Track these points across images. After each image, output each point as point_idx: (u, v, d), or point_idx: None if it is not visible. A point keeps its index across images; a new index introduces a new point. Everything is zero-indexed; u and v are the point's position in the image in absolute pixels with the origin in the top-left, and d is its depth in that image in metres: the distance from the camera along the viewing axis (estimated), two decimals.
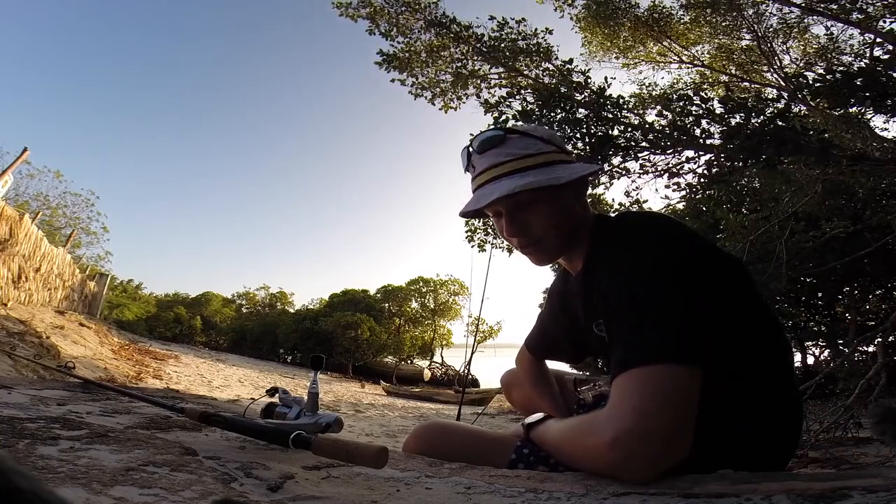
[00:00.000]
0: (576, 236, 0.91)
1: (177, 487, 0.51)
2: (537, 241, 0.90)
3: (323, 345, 17.57)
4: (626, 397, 0.64)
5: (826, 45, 6.66)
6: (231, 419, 0.78)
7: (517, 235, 0.89)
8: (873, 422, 0.72)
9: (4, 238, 6.30)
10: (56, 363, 3.85)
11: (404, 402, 10.35)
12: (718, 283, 0.77)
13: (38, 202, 16.95)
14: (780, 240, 3.96)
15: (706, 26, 7.36)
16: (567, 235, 0.90)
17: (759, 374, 0.79)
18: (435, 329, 20.57)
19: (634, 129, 4.45)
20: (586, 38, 7.88)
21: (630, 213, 0.96)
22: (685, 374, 0.64)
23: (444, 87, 6.22)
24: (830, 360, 6.95)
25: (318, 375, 0.89)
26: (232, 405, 1.35)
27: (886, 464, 2.18)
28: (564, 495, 0.58)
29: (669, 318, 0.68)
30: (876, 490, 0.50)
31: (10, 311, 5.99)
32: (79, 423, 0.75)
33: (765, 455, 0.79)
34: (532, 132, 0.92)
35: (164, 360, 9.96)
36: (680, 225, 0.83)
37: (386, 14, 5.96)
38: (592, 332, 0.90)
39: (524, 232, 0.89)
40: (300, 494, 0.55)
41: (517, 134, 0.92)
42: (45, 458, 0.55)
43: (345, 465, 0.69)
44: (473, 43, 5.87)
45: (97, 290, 13.74)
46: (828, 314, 7.02)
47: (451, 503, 0.57)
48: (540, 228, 0.88)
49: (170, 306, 23.30)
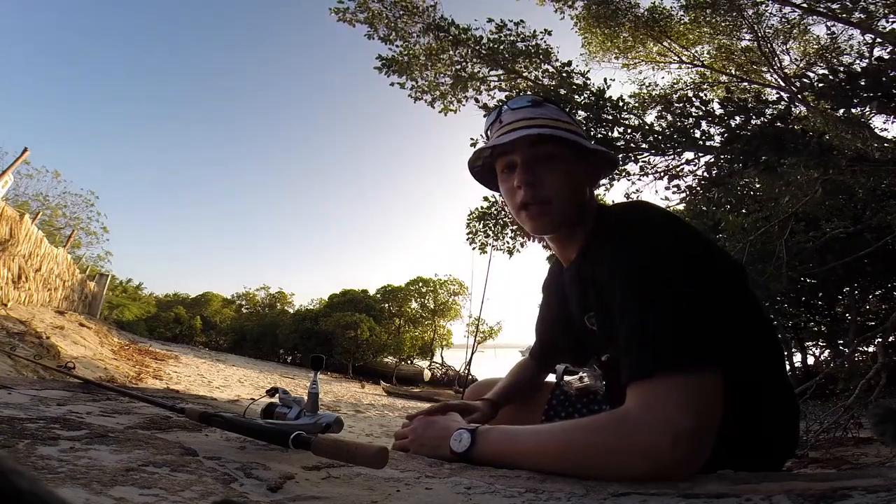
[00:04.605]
0: (579, 217, 0.88)
1: (177, 487, 0.51)
2: (545, 200, 0.85)
3: (323, 345, 17.58)
4: (671, 396, 0.62)
5: (827, 46, 6.67)
6: (231, 419, 0.78)
7: (527, 185, 0.85)
8: (873, 422, 0.72)
9: (4, 238, 6.31)
10: (56, 363, 3.85)
11: (404, 403, 10.34)
12: (722, 281, 0.77)
13: (38, 202, 16.96)
14: (780, 240, 3.96)
15: (706, 27, 7.37)
16: (574, 208, 0.87)
17: (756, 374, 0.78)
18: (435, 329, 20.58)
19: (634, 131, 4.45)
20: (586, 39, 7.88)
21: (629, 206, 0.87)
22: (718, 374, 0.64)
23: (444, 90, 6.22)
24: (830, 361, 6.95)
25: (318, 376, 0.89)
26: (232, 405, 1.34)
27: (886, 464, 2.18)
28: (564, 495, 0.58)
29: (699, 316, 0.67)
30: (876, 490, 0.50)
31: (10, 312, 5.99)
32: (79, 424, 0.75)
33: (765, 455, 0.79)
34: (565, 111, 0.94)
35: (163, 360, 9.96)
36: (681, 220, 0.82)
37: (384, 18, 5.96)
38: (585, 326, 0.88)
39: (536, 184, 0.85)
40: (300, 495, 0.55)
41: (553, 105, 0.93)
42: (45, 459, 0.55)
43: (345, 465, 0.69)
44: (472, 45, 5.87)
45: (97, 290, 13.74)
46: (828, 314, 7.03)
47: (451, 503, 0.57)
48: (552, 187, 0.85)
49: (170, 306, 23.32)
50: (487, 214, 5.95)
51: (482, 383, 1.29)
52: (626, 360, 0.68)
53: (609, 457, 0.64)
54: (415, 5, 5.92)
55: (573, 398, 1.08)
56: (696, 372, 0.63)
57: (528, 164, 0.85)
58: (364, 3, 5.86)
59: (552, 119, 0.88)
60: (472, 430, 0.79)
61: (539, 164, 0.85)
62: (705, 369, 0.64)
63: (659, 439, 0.61)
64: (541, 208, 0.86)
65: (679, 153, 4.47)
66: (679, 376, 0.63)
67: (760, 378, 0.79)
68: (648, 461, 0.61)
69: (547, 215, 0.86)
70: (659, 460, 0.61)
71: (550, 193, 0.85)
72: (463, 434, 0.79)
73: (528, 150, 0.85)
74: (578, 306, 0.89)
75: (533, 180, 0.85)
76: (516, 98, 0.94)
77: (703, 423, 0.61)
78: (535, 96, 0.94)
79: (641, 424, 0.63)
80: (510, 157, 0.88)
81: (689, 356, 0.64)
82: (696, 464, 0.62)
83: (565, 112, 0.94)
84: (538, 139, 0.84)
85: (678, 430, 0.60)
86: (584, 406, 1.06)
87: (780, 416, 0.80)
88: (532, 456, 0.72)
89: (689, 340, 0.65)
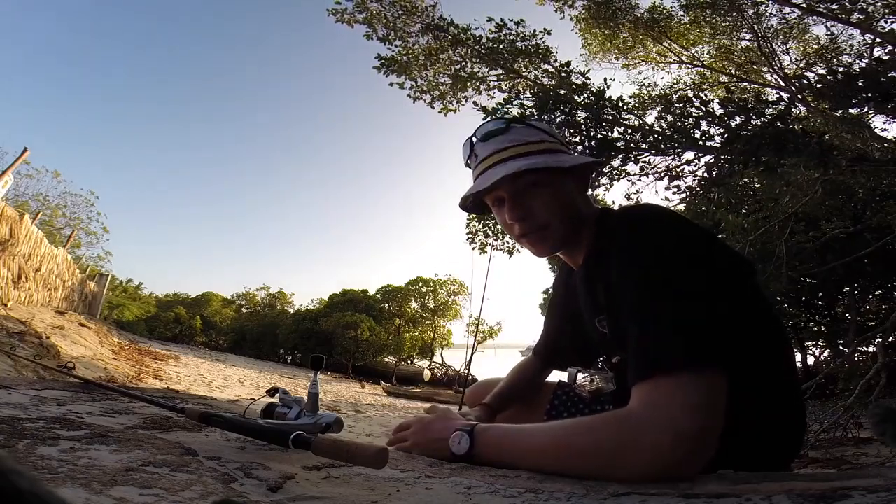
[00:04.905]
0: (578, 229, 0.89)
1: (177, 487, 0.51)
2: (542, 226, 0.87)
3: (323, 345, 17.58)
4: (675, 396, 0.62)
5: (826, 46, 6.67)
6: (231, 419, 0.78)
7: (520, 220, 0.86)
8: (873, 422, 0.72)
9: (4, 238, 6.31)
10: (56, 363, 3.85)
11: (404, 403, 10.35)
12: (728, 280, 0.76)
13: (38, 202, 16.97)
14: (780, 240, 3.96)
15: (706, 27, 7.37)
16: (571, 224, 0.88)
17: (761, 374, 0.78)
18: (435, 329, 20.57)
19: (634, 131, 4.45)
20: (586, 39, 7.89)
21: (634, 208, 0.90)
22: (723, 375, 0.64)
23: (444, 90, 6.21)
24: (830, 361, 6.96)
25: (318, 376, 0.89)
26: (232, 405, 1.34)
27: (886, 464, 2.18)
28: (564, 495, 0.58)
29: (704, 316, 0.67)
30: (876, 490, 0.50)
31: (10, 312, 5.99)
32: (79, 424, 0.75)
33: (766, 455, 0.79)
34: (535, 123, 0.92)
35: (163, 360, 9.96)
36: (687, 220, 0.81)
37: (383, 19, 5.95)
38: (595, 329, 0.88)
39: (527, 216, 0.86)
40: (300, 495, 0.55)
41: (520, 124, 0.92)
42: (45, 459, 0.55)
43: (345, 465, 0.69)
44: (472, 45, 5.87)
45: (97, 290, 13.74)
46: (828, 314, 7.03)
47: (451, 503, 0.57)
48: (543, 214, 0.86)
49: (170, 306, 23.32)
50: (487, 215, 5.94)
51: (483, 383, 1.29)
52: (632, 361, 0.68)
53: (611, 456, 0.64)
54: (414, 5, 5.91)
55: (585, 399, 1.08)
56: (701, 372, 0.63)
57: (514, 198, 0.87)
58: (362, 3, 5.86)
59: (524, 143, 0.88)
60: (470, 430, 0.79)
61: (524, 194, 0.86)
62: (710, 369, 0.64)
63: (661, 438, 0.60)
64: (538, 235, 0.88)
65: (679, 153, 4.47)
66: (683, 376, 0.63)
67: (765, 378, 0.79)
68: (650, 460, 0.61)
69: (546, 241, 0.89)
70: (661, 460, 0.60)
71: (543, 219, 0.87)
72: (462, 434, 0.79)
73: (511, 185, 0.86)
74: (589, 309, 0.90)
75: (524, 214, 0.87)
76: (483, 125, 0.92)
77: (706, 424, 0.61)
78: (501, 121, 0.92)
79: (644, 424, 0.62)
80: (496, 193, 0.89)
81: (693, 356, 0.64)
82: (698, 464, 0.62)
83: (536, 128, 0.92)
84: (516, 174, 0.84)
85: (681, 429, 0.60)
86: (586, 407, 1.06)
87: (784, 416, 0.80)
88: (532, 455, 0.71)
89: (694, 340, 0.65)
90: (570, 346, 1.08)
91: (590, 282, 0.87)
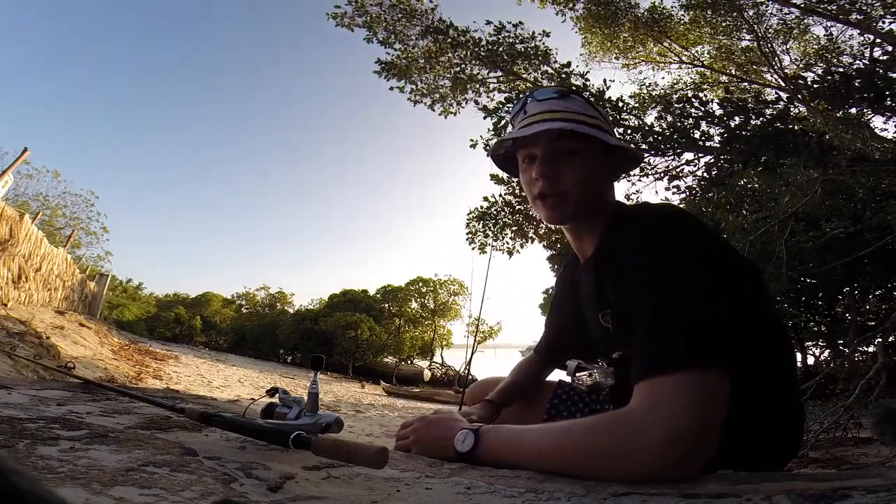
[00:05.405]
0: (595, 211, 0.90)
1: (177, 487, 0.51)
2: (562, 192, 0.87)
3: (323, 345, 17.57)
4: (674, 395, 0.62)
5: (826, 46, 6.67)
6: (231, 419, 0.78)
7: (545, 178, 0.86)
8: (873, 422, 0.72)
9: (4, 238, 6.31)
10: (56, 363, 3.85)
11: (404, 403, 10.35)
12: (733, 281, 0.76)
13: (38, 202, 16.98)
14: (780, 240, 3.96)
15: (706, 27, 7.37)
16: (590, 200, 0.88)
17: (760, 374, 0.78)
18: (435, 329, 20.57)
19: (634, 132, 4.44)
20: (586, 39, 7.89)
21: (645, 206, 0.89)
22: (725, 375, 0.64)
23: (443, 93, 6.21)
24: (830, 361, 6.95)
25: (318, 376, 0.89)
26: (232, 405, 1.34)
27: (886, 464, 2.18)
28: (564, 495, 0.58)
29: (707, 316, 0.67)
30: (876, 490, 0.50)
31: (10, 312, 5.99)
32: (79, 424, 0.75)
33: (765, 455, 0.79)
34: (592, 102, 0.94)
35: (163, 360, 9.96)
36: (698, 220, 0.81)
37: (383, 22, 5.95)
38: (597, 323, 0.88)
39: (554, 177, 0.86)
40: (300, 495, 0.55)
41: (579, 97, 0.93)
42: (45, 459, 0.55)
43: (345, 465, 0.69)
44: (471, 47, 5.86)
45: (97, 290, 13.74)
46: (828, 314, 7.02)
47: (451, 503, 0.57)
48: (570, 181, 0.86)
49: (170, 306, 23.32)
50: (487, 214, 5.94)
51: (482, 382, 1.29)
52: (637, 359, 0.68)
53: (612, 456, 0.64)
54: (413, 8, 5.91)
55: (583, 394, 1.08)
56: (702, 372, 0.63)
57: (547, 157, 0.87)
58: (362, 6, 5.85)
59: (577, 113, 0.89)
60: (475, 429, 0.79)
61: (559, 158, 0.87)
62: (712, 369, 0.64)
63: (661, 438, 0.60)
64: (557, 200, 0.88)
65: (679, 154, 4.47)
66: (684, 375, 0.63)
67: (766, 379, 0.79)
68: (651, 460, 0.61)
69: (562, 207, 0.88)
70: (661, 459, 0.60)
71: (567, 187, 0.87)
72: (467, 434, 0.79)
73: (550, 144, 0.86)
74: (595, 303, 0.89)
75: (550, 173, 0.86)
76: (543, 89, 0.94)
77: (707, 423, 0.61)
78: (563, 88, 0.94)
79: (645, 423, 0.62)
80: (531, 149, 0.89)
81: (694, 356, 0.64)
82: (698, 463, 0.62)
83: (593, 105, 0.94)
84: (560, 133, 0.85)
85: (681, 429, 0.60)
86: (585, 405, 1.06)
87: (783, 417, 0.80)
88: (536, 456, 0.71)
89: (696, 340, 0.65)
90: (573, 341, 1.08)
91: (597, 276, 0.88)
